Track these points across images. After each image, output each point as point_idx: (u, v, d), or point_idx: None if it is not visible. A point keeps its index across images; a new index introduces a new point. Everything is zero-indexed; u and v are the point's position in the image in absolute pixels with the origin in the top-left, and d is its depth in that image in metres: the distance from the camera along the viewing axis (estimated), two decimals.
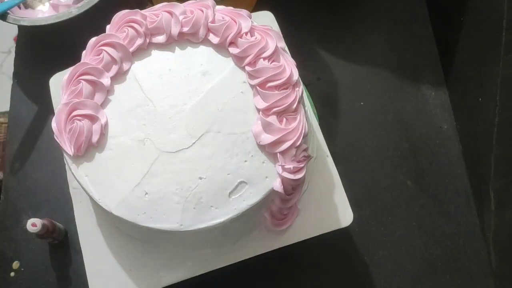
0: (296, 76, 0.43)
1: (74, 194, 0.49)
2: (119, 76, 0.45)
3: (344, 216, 0.48)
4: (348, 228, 0.61)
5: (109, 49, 0.44)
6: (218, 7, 0.47)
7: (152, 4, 0.65)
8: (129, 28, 0.45)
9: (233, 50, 0.44)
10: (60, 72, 0.53)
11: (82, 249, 0.48)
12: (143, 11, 0.46)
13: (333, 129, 0.67)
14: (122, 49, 0.45)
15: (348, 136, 0.66)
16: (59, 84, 0.46)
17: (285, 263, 0.60)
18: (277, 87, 0.42)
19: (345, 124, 0.67)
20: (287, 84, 0.42)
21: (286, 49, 0.46)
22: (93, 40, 0.45)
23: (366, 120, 0.67)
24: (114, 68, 0.44)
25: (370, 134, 0.67)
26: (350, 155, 0.65)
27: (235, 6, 0.48)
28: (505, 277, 0.58)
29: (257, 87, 0.43)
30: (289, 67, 0.43)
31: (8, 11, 0.62)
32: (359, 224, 0.62)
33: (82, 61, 0.45)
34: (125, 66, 0.45)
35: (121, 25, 0.45)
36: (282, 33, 0.48)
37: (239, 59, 0.44)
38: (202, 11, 0.45)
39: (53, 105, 0.52)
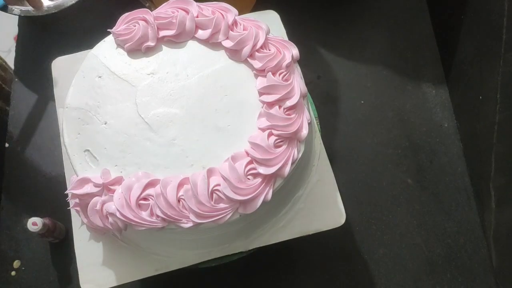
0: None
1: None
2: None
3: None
4: (349, 226, 0.61)
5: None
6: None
7: (152, 2, 0.64)
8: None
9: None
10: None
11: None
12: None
13: (333, 127, 0.67)
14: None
15: (349, 135, 0.66)
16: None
17: (285, 261, 0.60)
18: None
19: (346, 123, 0.67)
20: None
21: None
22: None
23: (366, 118, 0.67)
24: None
25: (371, 132, 0.66)
26: (351, 153, 0.65)
27: (234, 4, 0.48)
28: (505, 274, 0.58)
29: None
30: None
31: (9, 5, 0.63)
32: (360, 223, 0.62)
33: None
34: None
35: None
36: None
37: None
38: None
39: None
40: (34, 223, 0.54)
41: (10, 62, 0.73)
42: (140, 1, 0.63)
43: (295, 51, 0.45)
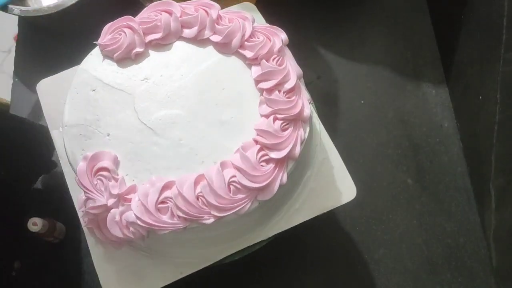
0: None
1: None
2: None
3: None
4: (349, 226, 0.61)
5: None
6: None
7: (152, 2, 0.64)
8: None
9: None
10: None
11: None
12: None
13: (333, 127, 0.67)
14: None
15: (349, 135, 0.66)
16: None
17: (286, 261, 0.60)
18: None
19: (346, 123, 0.67)
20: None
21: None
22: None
23: (366, 119, 0.67)
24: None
25: (371, 133, 0.67)
26: (351, 153, 0.65)
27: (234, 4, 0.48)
28: (505, 275, 0.58)
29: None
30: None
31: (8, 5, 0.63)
32: (360, 222, 0.62)
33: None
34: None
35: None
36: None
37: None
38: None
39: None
40: (35, 223, 0.54)
41: (10, 62, 0.73)
42: (140, 1, 0.63)
43: (283, 35, 0.46)
